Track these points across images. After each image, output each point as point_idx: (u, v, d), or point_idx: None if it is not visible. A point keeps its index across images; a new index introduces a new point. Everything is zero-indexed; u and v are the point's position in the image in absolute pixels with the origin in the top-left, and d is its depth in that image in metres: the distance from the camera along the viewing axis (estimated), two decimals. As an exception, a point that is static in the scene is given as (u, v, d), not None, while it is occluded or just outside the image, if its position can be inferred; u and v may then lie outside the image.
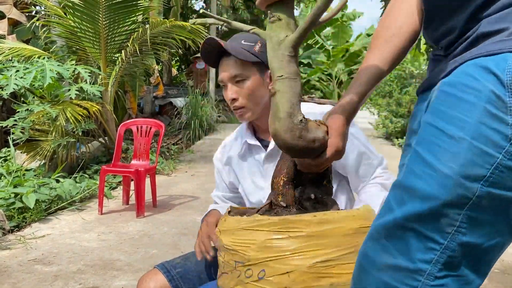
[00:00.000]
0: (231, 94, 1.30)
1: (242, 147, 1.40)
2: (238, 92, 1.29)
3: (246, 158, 1.41)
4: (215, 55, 1.32)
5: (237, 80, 1.29)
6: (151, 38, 5.85)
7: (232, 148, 1.46)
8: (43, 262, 2.89)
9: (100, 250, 3.14)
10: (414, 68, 11.87)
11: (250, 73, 1.29)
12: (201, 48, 1.30)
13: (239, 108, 1.31)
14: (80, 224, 3.75)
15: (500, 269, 2.97)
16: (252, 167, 1.39)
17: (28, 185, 4.07)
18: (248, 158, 1.40)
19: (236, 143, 1.45)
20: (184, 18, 13.56)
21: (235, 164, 1.43)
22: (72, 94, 4.77)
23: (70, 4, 5.28)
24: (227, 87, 1.31)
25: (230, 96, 1.30)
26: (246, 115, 1.31)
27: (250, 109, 1.31)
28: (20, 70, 4.60)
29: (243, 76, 1.28)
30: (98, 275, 2.70)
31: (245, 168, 1.41)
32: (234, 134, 1.49)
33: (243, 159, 1.41)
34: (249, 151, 1.40)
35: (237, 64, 1.28)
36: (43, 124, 5.30)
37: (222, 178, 1.51)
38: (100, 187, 4.07)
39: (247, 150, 1.40)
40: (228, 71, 1.29)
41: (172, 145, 8.32)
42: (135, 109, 8.01)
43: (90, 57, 5.93)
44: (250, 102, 1.30)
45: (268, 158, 1.34)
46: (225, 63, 1.30)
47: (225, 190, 1.53)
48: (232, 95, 1.29)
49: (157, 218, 3.99)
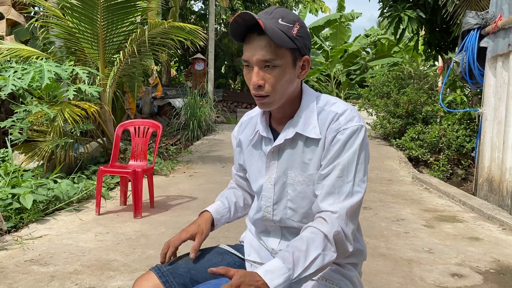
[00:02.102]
0: (257, 80, 1.16)
1: (254, 135, 1.35)
2: (265, 78, 1.17)
3: (257, 146, 1.37)
4: (244, 29, 1.16)
5: (267, 65, 1.16)
6: (150, 39, 5.86)
7: (244, 131, 1.42)
8: (39, 262, 2.90)
9: (97, 250, 3.15)
10: (412, 69, 11.88)
11: (283, 60, 1.16)
12: (232, 21, 1.14)
13: (263, 96, 1.19)
14: (77, 225, 3.75)
15: (496, 270, 2.99)
16: (260, 156, 1.35)
17: (25, 186, 4.08)
18: (258, 146, 1.36)
19: (250, 127, 1.39)
20: (183, 19, 13.58)
21: (246, 149, 1.40)
22: (70, 95, 4.78)
23: (68, 5, 5.29)
24: (252, 70, 1.18)
25: (256, 82, 1.16)
26: (269, 104, 1.21)
27: (275, 98, 1.20)
28: (18, 70, 4.61)
29: (275, 63, 1.15)
30: (95, 275, 2.71)
31: (255, 155, 1.37)
32: (252, 112, 1.43)
33: (254, 146, 1.37)
34: (260, 140, 1.35)
35: (271, 47, 1.13)
36: (41, 125, 5.31)
37: (235, 156, 1.51)
38: (98, 187, 4.08)
39: (259, 139, 1.35)
40: (259, 53, 1.14)
41: (171, 145, 8.32)
42: (134, 109, 8.01)
43: (88, 57, 5.94)
44: (276, 92, 1.18)
45: (274, 151, 1.29)
46: (256, 42, 1.15)
47: (237, 168, 1.53)
48: (259, 81, 1.16)
49: (155, 219, 4.00)
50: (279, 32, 1.12)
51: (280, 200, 1.31)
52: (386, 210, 4.54)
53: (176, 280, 1.30)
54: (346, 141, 1.19)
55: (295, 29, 1.15)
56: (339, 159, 1.19)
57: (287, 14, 1.16)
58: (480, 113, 5.26)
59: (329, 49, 20.80)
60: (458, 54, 5.41)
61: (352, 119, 1.21)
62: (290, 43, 1.15)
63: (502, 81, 4.75)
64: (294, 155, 1.27)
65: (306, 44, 1.20)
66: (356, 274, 1.36)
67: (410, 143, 7.76)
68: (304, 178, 1.26)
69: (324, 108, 1.26)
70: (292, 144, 1.27)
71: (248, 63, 1.18)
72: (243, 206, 1.56)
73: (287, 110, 1.27)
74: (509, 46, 4.52)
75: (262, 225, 1.40)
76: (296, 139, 1.26)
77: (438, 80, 10.03)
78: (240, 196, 1.56)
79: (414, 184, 5.96)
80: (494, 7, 4.96)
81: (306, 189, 1.27)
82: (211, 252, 1.42)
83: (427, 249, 3.36)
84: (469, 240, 3.62)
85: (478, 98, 6.85)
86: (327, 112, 1.24)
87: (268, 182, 1.32)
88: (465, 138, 6.99)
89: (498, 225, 4.05)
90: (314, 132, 1.23)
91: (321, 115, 1.24)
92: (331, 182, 1.19)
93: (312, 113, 1.25)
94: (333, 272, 1.30)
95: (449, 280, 2.80)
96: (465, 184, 6.48)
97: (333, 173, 1.19)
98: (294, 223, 1.31)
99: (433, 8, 7.77)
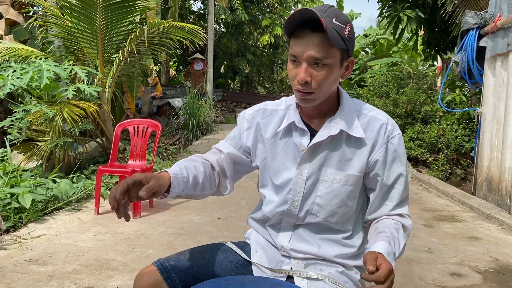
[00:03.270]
0: (305, 76, 1.17)
1: (283, 124, 1.32)
2: (313, 76, 1.18)
3: (284, 137, 1.33)
4: (296, 25, 1.18)
5: (317, 63, 1.17)
6: (149, 38, 5.85)
7: (267, 118, 1.37)
8: (38, 262, 2.89)
9: (96, 250, 3.14)
10: (411, 68, 11.88)
11: (333, 60, 1.17)
12: (291, 15, 1.15)
13: (308, 92, 1.20)
14: (76, 224, 3.75)
15: (495, 269, 2.99)
16: (288, 149, 1.31)
17: (24, 186, 4.07)
18: (286, 137, 1.32)
19: (276, 116, 1.36)
20: (182, 19, 13.57)
21: (268, 139, 1.35)
22: (69, 95, 4.77)
23: (67, 5, 5.27)
24: (300, 65, 1.18)
25: (303, 78, 1.17)
26: (313, 101, 1.22)
27: (319, 96, 1.21)
28: (17, 70, 4.60)
29: (326, 62, 1.16)
30: (94, 275, 2.70)
31: (280, 146, 1.33)
32: (276, 105, 1.39)
33: (280, 137, 1.33)
34: (290, 132, 1.32)
35: (324, 45, 1.15)
36: (40, 125, 5.30)
37: (240, 136, 1.40)
38: (97, 187, 4.07)
39: (289, 130, 1.32)
40: (312, 50, 1.15)
41: (170, 145, 8.32)
42: (133, 109, 8.00)
43: (87, 57, 5.93)
44: (321, 90, 1.20)
45: (314, 148, 1.28)
46: (309, 38, 1.16)
47: (235, 148, 1.41)
48: (306, 77, 1.17)
49: (154, 218, 3.99)
50: (335, 32, 1.14)
51: (309, 196, 1.30)
52: (385, 209, 4.53)
53: (178, 276, 1.29)
54: (397, 149, 1.29)
55: (347, 30, 1.17)
56: (399, 170, 1.30)
57: (340, 15, 1.18)
58: (479, 113, 5.26)
59: (328, 49, 20.79)
60: (457, 53, 5.41)
61: (396, 127, 1.31)
62: (342, 43, 1.16)
63: (501, 81, 4.75)
64: (333, 152, 1.28)
65: (353, 46, 1.24)
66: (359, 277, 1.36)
67: (409, 142, 7.76)
68: (341, 177, 1.28)
69: (363, 112, 1.30)
70: (333, 141, 1.28)
71: (296, 58, 1.19)
72: (201, 185, 1.31)
73: (323, 108, 1.29)
74: (508, 46, 4.52)
75: (279, 220, 1.35)
76: (338, 137, 1.27)
77: (437, 80, 10.03)
78: (202, 173, 1.32)
79: (413, 184, 5.97)
80: (493, 7, 4.96)
81: (340, 188, 1.28)
82: (214, 249, 1.41)
83: (427, 249, 3.36)
84: (468, 239, 3.63)
85: (477, 98, 6.85)
86: (369, 117, 1.29)
87: (299, 177, 1.29)
88: (464, 138, 6.99)
89: (497, 225, 4.05)
90: (357, 131, 1.26)
91: (361, 118, 1.29)
92: (399, 195, 1.31)
93: (352, 114, 1.29)
94: (339, 273, 1.30)
95: (448, 279, 2.80)
96: (464, 184, 6.48)
97: (398, 186, 1.30)
98: (317, 219, 1.31)
99: (432, 8, 7.77)
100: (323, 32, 1.13)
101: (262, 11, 16.36)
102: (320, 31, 1.13)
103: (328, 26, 1.12)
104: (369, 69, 21.30)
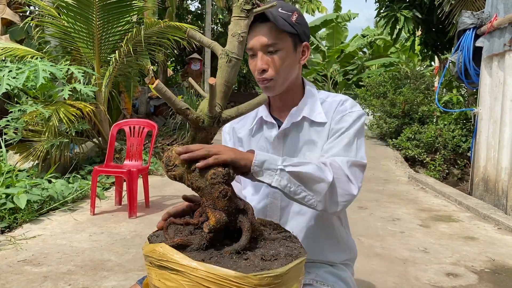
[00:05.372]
0: (261, 64, 1.22)
1: (254, 121, 1.37)
2: (269, 63, 1.23)
3: (256, 134, 1.37)
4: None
5: (270, 50, 1.22)
6: (146, 38, 5.84)
7: (240, 122, 1.42)
8: (32, 263, 2.87)
9: (91, 250, 3.13)
10: (409, 69, 11.90)
11: (284, 44, 1.23)
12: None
13: (267, 80, 1.24)
14: (71, 225, 3.73)
15: (491, 269, 2.98)
16: (261, 143, 1.35)
17: (19, 186, 4.05)
18: (258, 133, 1.37)
19: (250, 117, 1.40)
20: (180, 19, 13.55)
21: (244, 139, 1.40)
22: (65, 95, 4.76)
23: (63, 4, 5.26)
24: (256, 56, 1.24)
25: (260, 66, 1.22)
26: (273, 88, 1.26)
27: (278, 82, 1.25)
28: (13, 70, 4.58)
29: (277, 47, 1.22)
30: (88, 275, 2.69)
31: (254, 143, 1.37)
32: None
33: (253, 134, 1.38)
34: (261, 127, 1.36)
35: (273, 32, 1.21)
36: (37, 125, 5.28)
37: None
38: (92, 187, 4.06)
39: (259, 126, 1.37)
40: (262, 38, 1.22)
41: (167, 145, 8.30)
42: (130, 109, 7.98)
43: (84, 57, 5.91)
44: (279, 75, 1.24)
45: (280, 136, 1.31)
46: (258, 29, 1.22)
47: None
48: (262, 65, 1.22)
49: (150, 219, 3.98)
50: (281, 18, 1.20)
51: None
52: (382, 210, 4.53)
53: None
54: (352, 122, 1.26)
55: (294, 16, 1.24)
56: (346, 133, 1.24)
57: (286, 5, 1.25)
58: (476, 113, 5.26)
59: (325, 49, 20.80)
60: (454, 53, 5.41)
61: (356, 105, 1.31)
62: (290, 28, 1.22)
63: (497, 81, 4.75)
64: (300, 139, 1.31)
65: (305, 32, 1.28)
66: (349, 274, 1.35)
67: (407, 143, 7.77)
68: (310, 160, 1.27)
69: (327, 100, 1.33)
70: (298, 128, 1.31)
71: (253, 51, 1.25)
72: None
73: (289, 98, 1.33)
74: (505, 46, 4.52)
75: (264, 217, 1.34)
76: (302, 123, 1.31)
77: (434, 80, 10.05)
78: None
79: (410, 184, 5.97)
80: (489, 7, 4.96)
81: None
82: None
83: (423, 249, 3.36)
84: (464, 239, 3.62)
85: (474, 98, 6.86)
86: (331, 102, 1.32)
87: None
88: (461, 138, 7.00)
89: (494, 225, 4.05)
90: (320, 117, 1.30)
91: (324, 104, 1.32)
92: (337, 150, 1.22)
93: (316, 102, 1.32)
94: (327, 274, 1.29)
95: (444, 279, 2.80)
96: (461, 184, 6.49)
97: (339, 143, 1.23)
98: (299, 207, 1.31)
99: (429, 8, 7.78)
100: (270, 21, 1.20)
101: (260, 11, 16.34)
102: (268, 21, 1.20)
103: (273, 14, 1.19)
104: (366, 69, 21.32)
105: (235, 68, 1.03)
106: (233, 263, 0.88)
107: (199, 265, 0.84)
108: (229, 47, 1.04)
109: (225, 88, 1.05)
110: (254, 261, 0.89)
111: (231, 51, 1.03)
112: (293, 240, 1.03)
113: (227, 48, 1.04)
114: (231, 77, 1.04)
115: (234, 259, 0.90)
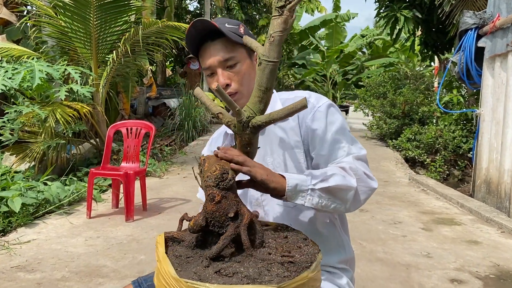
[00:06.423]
0: (224, 80, 1.22)
1: (224, 139, 1.37)
2: (230, 77, 1.24)
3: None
4: (197, 40, 1.25)
5: (229, 65, 1.23)
6: (144, 38, 5.77)
7: (217, 142, 1.42)
8: (26, 269, 2.80)
9: (86, 255, 3.06)
10: (409, 69, 11.83)
11: (241, 55, 1.25)
12: (187, 32, 1.23)
13: (232, 93, 1.24)
14: (67, 229, 3.66)
15: (496, 275, 2.92)
16: None
17: (14, 189, 3.97)
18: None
19: (220, 136, 1.42)
20: (178, 19, 13.49)
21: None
22: (62, 95, 4.69)
23: (60, 4, 5.19)
24: (217, 73, 1.24)
25: (223, 82, 1.22)
26: (241, 100, 1.23)
27: (243, 93, 1.25)
28: (9, 70, 4.51)
29: (235, 60, 1.23)
30: (83, 282, 2.62)
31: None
32: (221, 128, 1.45)
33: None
34: (231, 141, 1.35)
35: (227, 47, 1.23)
36: (33, 126, 5.21)
37: None
38: (89, 190, 3.98)
39: (230, 141, 1.35)
40: (218, 55, 1.23)
41: (165, 146, 8.23)
42: (128, 110, 7.90)
43: (81, 57, 5.84)
44: (243, 87, 1.25)
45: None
46: (212, 48, 1.24)
47: None
48: (225, 80, 1.23)
49: (147, 222, 3.91)
50: (230, 32, 1.23)
51: None
52: (383, 212, 4.47)
53: None
54: (326, 116, 1.23)
55: (241, 28, 1.27)
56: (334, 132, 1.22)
57: (230, 20, 1.28)
58: (478, 114, 5.20)
59: (325, 49, 20.73)
60: (456, 54, 5.35)
61: (321, 98, 1.28)
62: (241, 39, 1.20)
63: (500, 82, 4.69)
64: (268, 141, 1.29)
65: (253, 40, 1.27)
66: (347, 281, 1.29)
67: (407, 143, 7.70)
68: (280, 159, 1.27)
69: (288, 98, 1.31)
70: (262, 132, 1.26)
71: (211, 69, 1.25)
72: None
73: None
74: (508, 46, 4.46)
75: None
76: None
77: (434, 80, 9.99)
78: None
79: (411, 186, 5.90)
80: (491, 7, 4.90)
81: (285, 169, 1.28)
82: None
83: (425, 253, 3.29)
84: (467, 243, 3.56)
85: (474, 99, 6.80)
86: (292, 98, 1.29)
87: None
88: (462, 139, 6.94)
89: (497, 228, 3.99)
90: None
91: (285, 102, 1.28)
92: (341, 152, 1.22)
93: (276, 103, 1.29)
94: (324, 281, 1.23)
95: (448, 286, 2.73)
96: (462, 185, 6.42)
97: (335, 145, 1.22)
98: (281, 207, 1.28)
99: (429, 8, 7.72)
100: (221, 37, 1.23)
101: (259, 11, 16.28)
102: (218, 37, 1.23)
103: (223, 30, 1.21)
104: (366, 70, 21.27)
105: (267, 71, 0.98)
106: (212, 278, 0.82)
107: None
108: (261, 50, 1.00)
109: (259, 92, 0.99)
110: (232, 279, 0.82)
111: (262, 53, 0.98)
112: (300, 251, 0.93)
113: (260, 51, 1.00)
114: (264, 80, 0.98)
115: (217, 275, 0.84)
